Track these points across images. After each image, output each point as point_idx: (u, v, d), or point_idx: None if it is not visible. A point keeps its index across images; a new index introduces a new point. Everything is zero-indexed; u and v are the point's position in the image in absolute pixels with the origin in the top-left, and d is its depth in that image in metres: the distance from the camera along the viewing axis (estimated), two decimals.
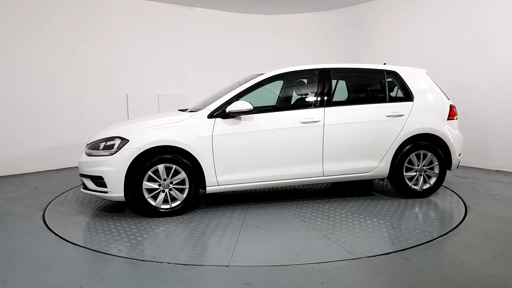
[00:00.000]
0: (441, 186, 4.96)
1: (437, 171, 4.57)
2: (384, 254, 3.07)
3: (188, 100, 7.60)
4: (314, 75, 4.56)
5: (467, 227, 3.67)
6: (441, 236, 3.43)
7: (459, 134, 4.73)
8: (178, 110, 4.71)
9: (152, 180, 3.95)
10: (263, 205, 4.41)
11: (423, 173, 4.59)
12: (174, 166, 3.96)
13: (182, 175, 3.99)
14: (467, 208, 4.23)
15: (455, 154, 4.63)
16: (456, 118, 4.72)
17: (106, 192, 3.93)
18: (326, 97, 4.40)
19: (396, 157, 4.50)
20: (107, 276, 2.76)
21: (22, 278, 2.76)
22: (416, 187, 4.59)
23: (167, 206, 4.02)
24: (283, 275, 2.74)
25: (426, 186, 4.61)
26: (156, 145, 3.92)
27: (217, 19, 8.53)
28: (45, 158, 6.69)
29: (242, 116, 4.12)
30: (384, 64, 4.79)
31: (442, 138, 4.56)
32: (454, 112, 4.69)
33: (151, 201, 3.97)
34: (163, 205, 4.01)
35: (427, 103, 4.64)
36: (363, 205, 4.37)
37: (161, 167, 3.93)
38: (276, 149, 4.20)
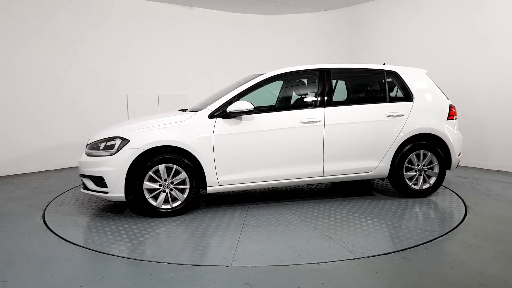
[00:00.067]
0: (441, 186, 4.98)
1: (437, 171, 4.58)
2: (384, 254, 3.07)
3: (188, 100, 7.60)
4: (314, 75, 4.57)
5: (467, 227, 3.68)
6: (441, 236, 3.44)
7: (459, 134, 4.74)
8: (178, 110, 4.72)
9: (153, 180, 3.95)
10: (264, 205, 4.42)
11: (423, 173, 4.60)
12: (175, 166, 3.96)
13: (183, 175, 3.99)
14: (467, 208, 4.23)
15: (455, 154, 4.65)
16: (456, 118, 4.74)
17: (107, 193, 3.93)
18: (327, 97, 4.41)
19: (396, 157, 4.50)
20: (107, 276, 2.76)
21: (22, 278, 2.76)
22: (416, 187, 4.59)
23: (168, 206, 4.02)
24: (283, 275, 2.74)
25: (426, 186, 4.62)
26: (157, 145, 3.92)
27: (217, 19, 8.53)
28: (45, 158, 6.69)
29: (243, 116, 4.12)
30: (384, 64, 4.80)
31: (442, 138, 4.57)
32: (454, 112, 4.71)
33: (152, 201, 3.97)
34: (164, 205, 4.01)
35: (427, 103, 4.65)
36: (364, 205, 4.37)
37: (162, 167, 3.93)
38: (277, 149, 4.20)
